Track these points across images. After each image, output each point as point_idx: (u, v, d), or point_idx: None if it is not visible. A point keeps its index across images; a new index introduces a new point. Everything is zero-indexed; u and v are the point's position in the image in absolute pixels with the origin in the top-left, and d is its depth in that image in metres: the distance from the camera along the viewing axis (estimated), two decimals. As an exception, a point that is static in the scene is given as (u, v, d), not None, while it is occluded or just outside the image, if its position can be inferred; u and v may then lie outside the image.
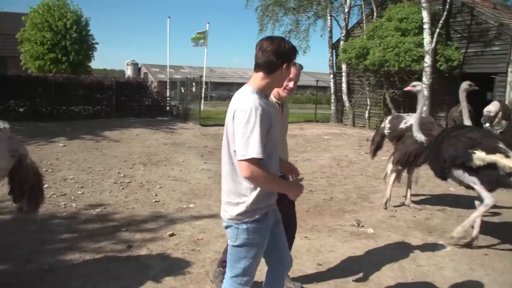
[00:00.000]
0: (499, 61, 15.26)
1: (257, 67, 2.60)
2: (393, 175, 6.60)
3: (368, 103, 19.05)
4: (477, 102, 14.49)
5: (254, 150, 2.38)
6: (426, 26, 15.23)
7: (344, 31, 20.41)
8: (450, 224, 5.98)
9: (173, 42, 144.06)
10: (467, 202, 7.00)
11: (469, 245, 5.12)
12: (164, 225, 5.67)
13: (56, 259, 4.50)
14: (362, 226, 5.76)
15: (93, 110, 19.31)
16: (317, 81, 24.76)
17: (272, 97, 3.59)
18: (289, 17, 23.79)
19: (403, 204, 6.86)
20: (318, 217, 6.16)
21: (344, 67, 20.10)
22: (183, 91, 23.04)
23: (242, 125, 2.42)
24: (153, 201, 6.76)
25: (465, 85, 6.13)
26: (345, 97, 20.29)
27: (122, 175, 8.42)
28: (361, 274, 4.34)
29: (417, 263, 4.66)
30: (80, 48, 23.04)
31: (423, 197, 7.46)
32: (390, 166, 6.64)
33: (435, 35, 15.40)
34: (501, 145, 4.75)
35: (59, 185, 7.48)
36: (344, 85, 20.36)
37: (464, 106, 6.11)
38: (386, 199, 6.56)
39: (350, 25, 20.89)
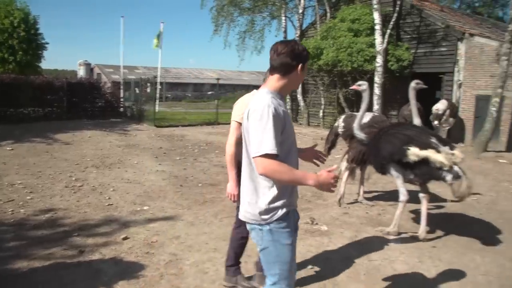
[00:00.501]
0: (447, 61, 15.87)
1: (273, 70, 2.63)
2: (347, 173, 6.73)
3: (323, 102, 19.35)
4: (427, 100, 15.01)
5: (268, 146, 2.38)
6: (377, 27, 15.63)
7: (298, 32, 20.63)
8: (402, 219, 6.15)
9: (127, 42, 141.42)
10: (415, 197, 7.25)
11: (417, 238, 5.31)
12: (118, 228, 5.55)
13: (3, 268, 4.31)
14: (316, 223, 5.84)
15: (43, 112, 18.70)
16: (272, 81, 24.86)
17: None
18: (245, 17, 23.94)
19: (356, 201, 7.01)
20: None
21: (298, 67, 20.28)
22: (137, 91, 22.69)
23: (255, 123, 2.44)
24: (106, 204, 6.60)
25: (414, 83, 6.32)
26: (299, 97, 20.51)
27: (73, 178, 8.18)
28: (315, 271, 4.40)
29: (369, 258, 4.77)
30: (29, 48, 22.20)
31: (375, 194, 7.65)
32: (344, 164, 6.75)
33: (386, 36, 15.81)
34: (433, 140, 5.08)
35: (6, 191, 7.17)
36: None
37: (413, 104, 6.29)
38: (340, 196, 6.67)
39: (304, 26, 21.18)
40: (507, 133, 14.18)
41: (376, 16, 15.55)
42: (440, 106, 14.15)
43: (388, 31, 15.97)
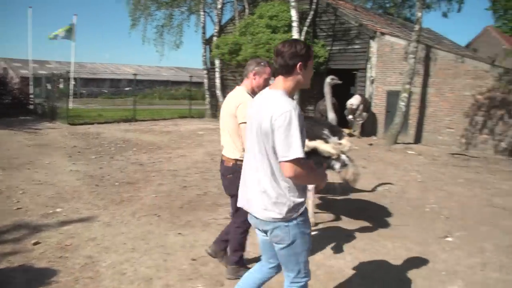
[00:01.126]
0: (360, 58, 16.57)
1: (276, 71, 2.71)
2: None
3: (242, 99, 19.40)
4: (342, 96, 15.57)
5: (296, 151, 2.45)
6: (294, 24, 15.93)
7: (217, 27, 20.55)
8: (319, 210, 6.33)
9: (36, 34, 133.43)
10: (332, 189, 7.48)
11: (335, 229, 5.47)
12: (28, 233, 5.16)
13: None
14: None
15: None
16: (190, 76, 24.63)
17: (247, 91, 3.88)
18: (162, 11, 23.42)
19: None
20: (192, 212, 6.09)
21: (217, 62, 20.23)
22: (49, 88, 21.46)
23: (282, 129, 2.47)
24: (15, 208, 6.12)
25: (328, 79, 6.48)
26: (219, 93, 20.45)
27: (-25, 182, 7.55)
28: (234, 266, 4.38)
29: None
30: None
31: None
32: None
33: (303, 33, 16.18)
34: (325, 132, 5.27)
35: None
36: (217, 81, 20.51)
37: (328, 99, 6.46)
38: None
39: (223, 22, 21.13)
40: (415, 127, 15.08)
41: (294, 13, 15.84)
42: (354, 101, 14.74)
43: (305, 28, 16.36)
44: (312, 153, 5.21)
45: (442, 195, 7.72)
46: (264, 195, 2.67)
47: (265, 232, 2.77)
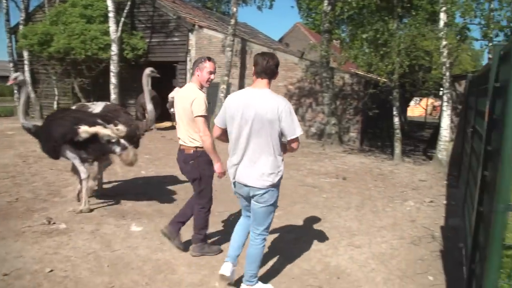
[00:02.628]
0: (179, 50, 16.70)
1: (264, 75, 3.52)
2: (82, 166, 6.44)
3: (56, 93, 18.08)
4: (164, 89, 15.57)
5: (299, 130, 3.47)
6: (111, 14, 15.25)
7: (23, 15, 18.55)
8: (142, 205, 6.28)
9: None
10: (157, 182, 7.49)
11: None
12: None
13: None
14: (54, 223, 5.42)
15: None
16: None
17: (197, 87, 4.33)
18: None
19: (96, 194, 6.77)
20: (3, 222, 5.47)
21: (26, 54, 18.35)
22: None
23: (289, 117, 3.41)
24: None
25: (148, 71, 6.44)
26: (29, 88, 18.63)
27: None
28: (57, 273, 4.10)
29: (112, 249, 4.70)
30: None
31: (116, 184, 7.56)
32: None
33: (120, 24, 15.62)
34: (99, 120, 5.72)
35: None
36: (27, 74, 18.59)
37: (146, 90, 6.42)
38: (78, 191, 6.34)
39: (30, 8, 19.19)
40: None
41: (109, 3, 15.14)
42: (175, 94, 14.83)
43: (122, 19, 15.81)
44: (93, 140, 5.62)
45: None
46: (262, 168, 3.48)
47: (252, 197, 3.60)
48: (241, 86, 15.68)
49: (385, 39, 10.88)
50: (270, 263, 4.53)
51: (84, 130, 5.52)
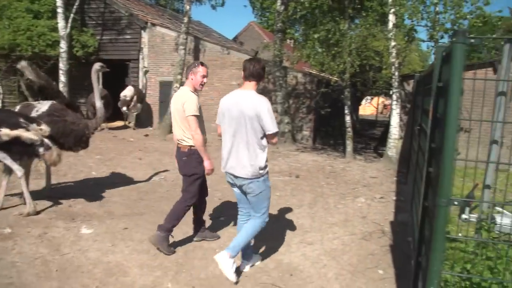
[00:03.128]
0: (132, 48, 16.41)
1: (252, 78, 4.02)
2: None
3: (1, 91, 17.32)
4: (116, 87, 15.28)
5: (276, 126, 3.94)
6: (59, 10, 14.74)
7: (-37, 9, 17.71)
8: (93, 207, 6.13)
9: None
10: (108, 183, 7.33)
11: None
12: None
13: None
14: (-2, 227, 5.22)
15: None
16: None
17: (190, 90, 4.64)
18: None
19: (44, 196, 6.53)
20: None
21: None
22: None
23: (267, 113, 3.86)
24: None
25: (96, 66, 6.31)
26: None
27: None
28: (1, 281, 3.93)
29: (61, 253, 4.56)
30: None
31: (65, 185, 7.34)
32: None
33: (70, 20, 15.14)
34: (22, 120, 5.48)
35: None
36: (-31, 72, 17.77)
37: (95, 87, 6.29)
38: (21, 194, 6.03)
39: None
40: (189, 115, 15.68)
41: (58, -1, 14.69)
42: (127, 92, 14.57)
43: (72, 15, 15.33)
44: (16, 142, 5.39)
45: (215, 179, 8.21)
46: (246, 160, 3.94)
47: (241, 186, 4.08)
48: (195, 84, 15.55)
49: (336, 39, 11.09)
50: (224, 262, 4.53)
51: (5, 133, 5.32)
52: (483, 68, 10.92)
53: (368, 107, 33.08)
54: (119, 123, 16.25)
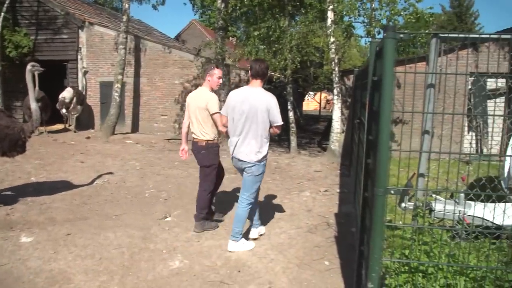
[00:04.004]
0: (69, 48, 15.88)
1: (258, 76, 4.64)
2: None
3: None
4: (55, 89, 14.74)
5: (281, 118, 4.58)
6: (-12, 9, 14.09)
7: None
8: (33, 214, 5.89)
9: None
10: (49, 189, 7.08)
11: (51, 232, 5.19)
12: None
13: None
14: None
15: None
16: None
17: (208, 90, 5.27)
18: None
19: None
20: None
21: None
22: None
23: (276, 109, 4.52)
24: None
25: (29, 66, 6.10)
26: None
27: None
28: None
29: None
30: None
31: (2, 193, 7.00)
32: None
33: (0, 19, 14.47)
34: None
35: None
36: None
37: (30, 88, 6.08)
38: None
39: None
40: (131, 116, 15.41)
41: (-14, -2, 13.98)
42: (66, 94, 14.09)
43: (2, 14, 14.65)
44: None
45: (160, 179, 8.18)
46: (254, 148, 4.58)
47: (244, 169, 4.70)
48: (136, 85, 15.30)
49: (277, 36, 11.22)
50: (170, 262, 4.49)
51: None
52: (418, 62, 11.38)
53: (311, 103, 33.72)
54: (59, 126, 15.66)
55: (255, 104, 4.51)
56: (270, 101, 4.52)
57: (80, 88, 15.45)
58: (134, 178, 8.19)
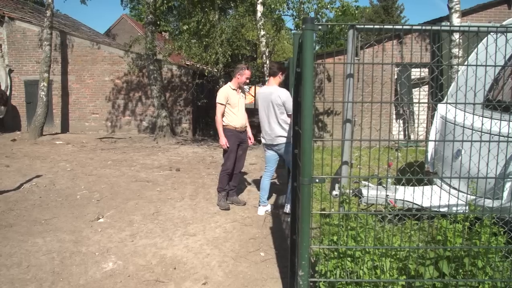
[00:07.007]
0: (-12, 46, 14.96)
1: (271, 75, 5.80)
2: None
3: None
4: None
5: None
6: None
7: None
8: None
9: None
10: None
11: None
12: None
13: None
14: None
15: None
16: None
17: (230, 86, 6.19)
18: None
19: None
20: None
21: None
22: None
23: (289, 101, 5.49)
24: None
25: None
26: None
27: None
28: None
29: None
30: None
31: None
32: None
33: None
34: None
35: None
36: None
37: None
38: None
39: None
40: (60, 116, 14.81)
41: None
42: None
43: None
44: None
45: (92, 180, 7.93)
46: (278, 132, 5.68)
47: (274, 147, 5.85)
48: (64, 83, 14.71)
49: (207, 30, 11.17)
50: (104, 265, 4.38)
51: None
52: (342, 54, 11.73)
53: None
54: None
55: (273, 99, 5.64)
56: (284, 95, 5.62)
57: (3, 87, 14.64)
58: (65, 180, 7.89)
